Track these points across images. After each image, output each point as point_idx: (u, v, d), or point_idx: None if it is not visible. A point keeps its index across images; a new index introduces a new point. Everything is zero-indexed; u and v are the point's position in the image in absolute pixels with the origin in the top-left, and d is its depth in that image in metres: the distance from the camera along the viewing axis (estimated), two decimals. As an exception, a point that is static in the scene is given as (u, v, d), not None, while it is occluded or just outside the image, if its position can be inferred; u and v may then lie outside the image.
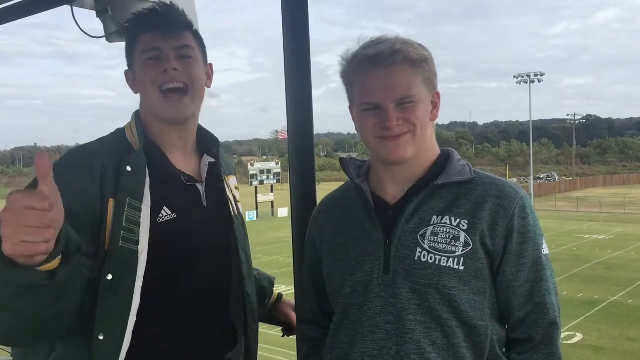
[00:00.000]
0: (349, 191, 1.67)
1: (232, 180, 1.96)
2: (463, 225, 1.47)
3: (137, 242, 1.57)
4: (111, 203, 1.56)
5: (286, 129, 2.03)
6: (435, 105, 1.56)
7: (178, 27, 1.74)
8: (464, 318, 1.46)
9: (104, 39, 2.76)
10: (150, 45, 1.71)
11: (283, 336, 2.24)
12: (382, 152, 1.54)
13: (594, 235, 38.37)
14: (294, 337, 2.21)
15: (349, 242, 1.58)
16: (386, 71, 1.49)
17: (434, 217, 1.50)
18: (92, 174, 1.57)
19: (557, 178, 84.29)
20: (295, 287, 2.14)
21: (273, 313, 2.15)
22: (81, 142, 1.77)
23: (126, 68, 1.81)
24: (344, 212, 1.64)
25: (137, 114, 1.78)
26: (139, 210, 1.59)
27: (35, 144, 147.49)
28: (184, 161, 1.79)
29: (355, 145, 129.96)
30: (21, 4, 3.01)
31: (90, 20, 2.77)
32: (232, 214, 1.86)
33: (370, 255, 1.52)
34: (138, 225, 1.58)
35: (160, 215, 1.64)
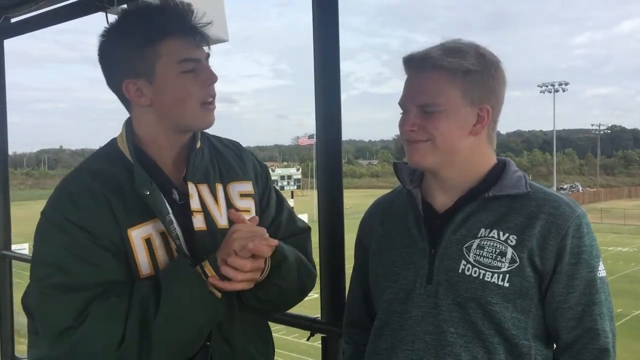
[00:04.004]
0: (401, 195, 1.63)
1: (236, 187, 1.68)
2: (511, 241, 1.42)
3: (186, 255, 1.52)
4: (131, 233, 1.49)
5: (306, 135, 2.07)
6: (481, 120, 1.46)
7: (204, 32, 1.55)
8: (507, 335, 1.41)
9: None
10: (189, 55, 1.52)
11: (308, 339, 2.26)
12: (406, 155, 1.52)
13: (618, 247, 37.69)
14: (315, 344, 2.24)
15: (395, 248, 1.55)
16: (415, 76, 1.48)
17: (482, 229, 1.45)
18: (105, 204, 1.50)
19: (580, 189, 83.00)
20: (321, 290, 2.16)
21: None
22: (103, 145, 1.66)
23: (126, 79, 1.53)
24: (393, 216, 1.61)
25: (128, 127, 1.60)
26: (172, 222, 1.51)
27: (61, 146, 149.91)
28: (174, 169, 1.62)
29: (376, 153, 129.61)
30: (57, 11, 3.09)
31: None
32: (205, 224, 1.58)
33: (414, 264, 1.49)
34: (179, 238, 1.52)
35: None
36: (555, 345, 1.48)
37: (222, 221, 1.60)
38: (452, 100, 1.44)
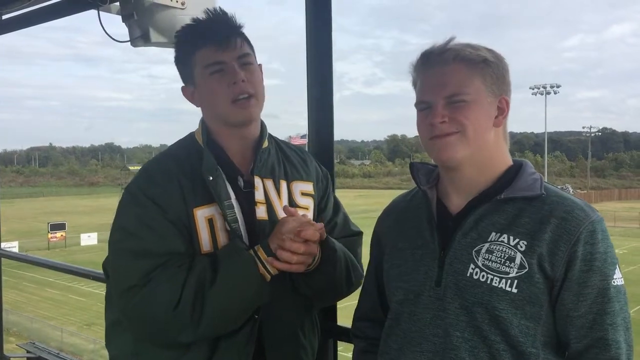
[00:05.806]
0: (417, 195, 1.62)
1: (298, 186, 1.88)
2: (521, 247, 1.38)
3: (242, 237, 1.72)
4: (196, 212, 1.69)
5: (298, 135, 2.08)
6: (502, 111, 1.48)
7: (234, 35, 1.75)
8: (513, 343, 1.38)
9: (128, 43, 2.82)
10: (213, 59, 1.72)
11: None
12: (433, 153, 1.49)
13: (608, 249, 37.84)
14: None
15: (408, 248, 1.54)
16: (437, 69, 1.45)
17: (493, 233, 1.42)
18: (175, 185, 1.72)
19: (571, 190, 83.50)
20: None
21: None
22: (95, 142, 1.80)
23: (182, 84, 1.82)
24: (409, 216, 1.60)
25: (202, 122, 1.83)
26: (232, 207, 1.71)
27: (51, 143, 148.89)
28: (242, 161, 1.82)
29: (368, 153, 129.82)
30: (49, 8, 3.07)
31: (114, 24, 2.83)
32: (267, 215, 1.78)
33: (425, 265, 1.49)
34: (237, 221, 1.71)
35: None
36: (565, 356, 1.44)
37: (282, 214, 1.76)
38: (477, 89, 1.44)
